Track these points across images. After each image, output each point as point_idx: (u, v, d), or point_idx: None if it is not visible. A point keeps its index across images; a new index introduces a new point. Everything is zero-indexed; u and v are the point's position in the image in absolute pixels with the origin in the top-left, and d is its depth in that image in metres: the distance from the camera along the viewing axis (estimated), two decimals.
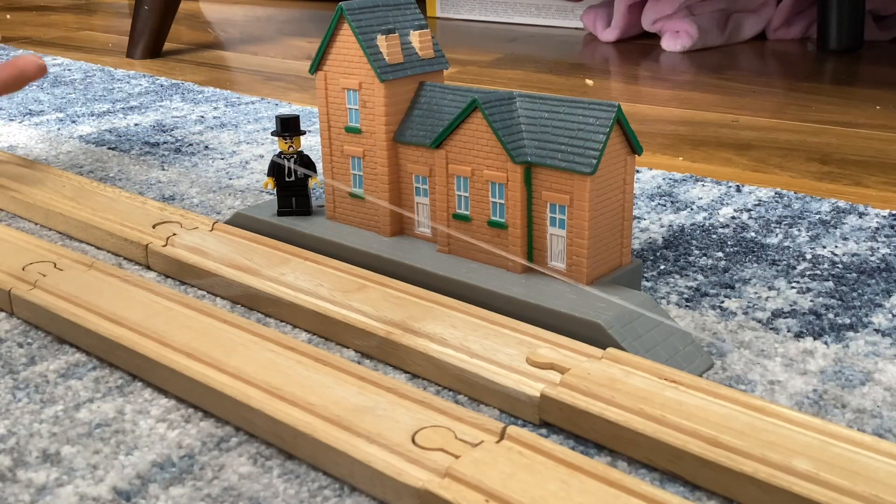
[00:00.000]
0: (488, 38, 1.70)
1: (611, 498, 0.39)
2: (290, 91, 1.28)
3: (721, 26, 1.56)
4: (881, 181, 0.85)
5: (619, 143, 0.56)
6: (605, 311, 0.53)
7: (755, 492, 0.40)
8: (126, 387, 0.52)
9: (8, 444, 0.46)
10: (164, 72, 1.42)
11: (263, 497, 0.42)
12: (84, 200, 0.76)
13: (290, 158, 0.68)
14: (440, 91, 0.63)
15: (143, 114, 1.14)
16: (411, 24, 0.65)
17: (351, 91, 0.64)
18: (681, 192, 0.81)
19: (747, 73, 1.35)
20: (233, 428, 0.47)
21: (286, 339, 0.52)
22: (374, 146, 0.64)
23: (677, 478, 0.43)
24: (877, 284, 0.63)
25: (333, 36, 0.64)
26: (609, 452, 0.45)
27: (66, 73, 1.41)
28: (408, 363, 0.52)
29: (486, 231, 0.60)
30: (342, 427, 0.44)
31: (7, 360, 0.54)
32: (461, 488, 0.40)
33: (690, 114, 1.11)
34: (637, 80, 1.33)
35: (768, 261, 0.67)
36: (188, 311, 0.56)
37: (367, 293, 0.58)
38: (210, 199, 0.81)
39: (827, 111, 1.11)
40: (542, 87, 1.26)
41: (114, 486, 0.43)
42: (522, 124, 0.57)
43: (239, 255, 0.64)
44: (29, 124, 1.09)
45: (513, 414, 0.48)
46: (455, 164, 0.60)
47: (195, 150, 0.97)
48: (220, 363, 0.50)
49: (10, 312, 0.60)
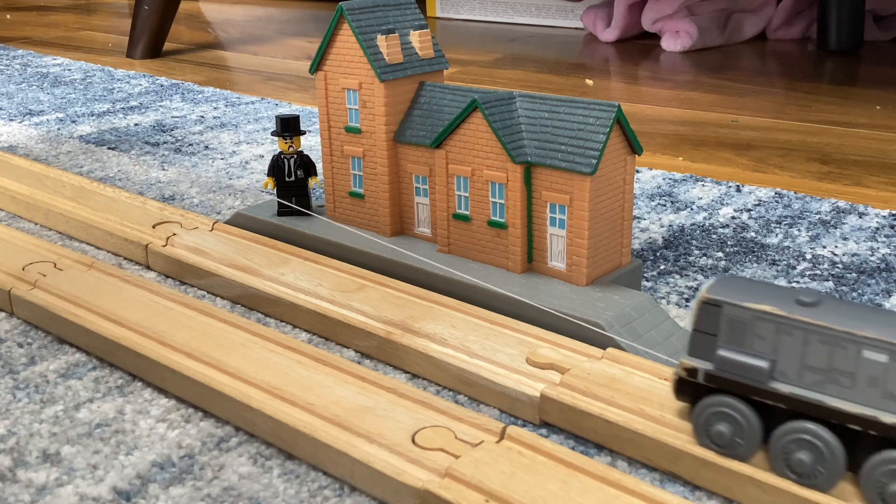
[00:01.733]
0: (488, 38, 1.70)
1: (611, 498, 0.39)
2: (290, 91, 1.28)
3: (721, 26, 1.56)
4: (881, 181, 0.85)
5: (619, 143, 0.56)
6: (605, 311, 0.53)
7: (755, 492, 0.40)
8: (126, 387, 0.52)
9: (8, 444, 0.46)
10: (164, 72, 1.42)
11: (263, 497, 0.42)
12: (84, 200, 0.76)
13: (290, 158, 0.68)
14: (440, 91, 0.63)
15: (143, 114, 1.14)
16: (411, 24, 0.65)
17: (351, 91, 0.64)
18: (681, 192, 0.81)
19: (747, 73, 1.35)
20: (233, 428, 0.47)
21: (286, 339, 0.52)
22: (374, 146, 0.64)
23: (677, 478, 0.43)
24: (877, 284, 0.63)
25: (333, 36, 0.64)
26: (609, 452, 0.45)
27: (66, 73, 1.41)
28: (408, 363, 0.52)
29: (486, 231, 0.60)
30: (342, 427, 0.44)
31: (7, 360, 0.54)
32: (461, 488, 0.40)
33: (690, 114, 1.11)
34: (637, 80, 1.33)
35: (768, 261, 0.67)
36: (188, 311, 0.56)
37: (367, 293, 0.58)
38: (210, 199, 0.81)
39: (827, 111, 1.12)
40: (542, 87, 1.26)
41: (114, 486, 0.43)
42: (522, 124, 0.57)
43: (239, 255, 0.64)
44: (29, 124, 1.09)
45: (513, 414, 0.48)
46: (455, 164, 0.60)
47: (195, 150, 0.97)
48: (220, 363, 0.50)
49: (10, 312, 0.60)
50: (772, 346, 0.39)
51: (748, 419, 0.40)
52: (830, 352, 0.38)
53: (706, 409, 0.41)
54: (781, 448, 0.39)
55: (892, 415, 0.37)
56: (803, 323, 0.38)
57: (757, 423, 0.40)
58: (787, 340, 0.39)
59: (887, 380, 0.37)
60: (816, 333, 0.38)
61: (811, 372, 0.39)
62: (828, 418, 0.38)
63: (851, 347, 0.37)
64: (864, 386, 0.38)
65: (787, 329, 0.39)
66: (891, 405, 0.37)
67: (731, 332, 0.40)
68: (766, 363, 0.39)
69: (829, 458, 0.38)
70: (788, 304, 0.39)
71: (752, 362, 0.39)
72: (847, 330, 0.37)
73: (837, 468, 0.38)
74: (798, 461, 0.39)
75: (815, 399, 0.38)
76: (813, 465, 0.39)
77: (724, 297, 0.40)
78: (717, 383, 0.41)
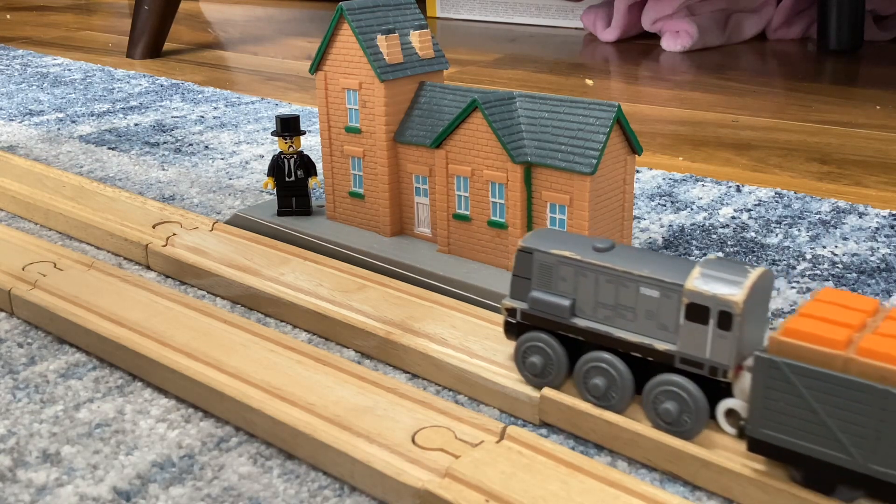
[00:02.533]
0: (488, 38, 1.71)
1: (611, 498, 0.39)
2: (290, 91, 1.28)
3: (721, 26, 1.56)
4: (881, 181, 0.85)
5: (619, 143, 0.56)
6: None
7: (755, 492, 0.40)
8: (126, 387, 0.52)
9: (8, 444, 0.46)
10: (164, 72, 1.42)
11: (263, 497, 0.42)
12: (84, 200, 0.76)
13: (290, 158, 0.68)
14: (440, 91, 0.63)
15: (143, 114, 1.14)
16: (411, 24, 0.65)
17: (351, 91, 0.64)
18: (681, 192, 0.81)
19: (747, 73, 1.35)
20: (233, 428, 0.47)
21: (286, 339, 0.52)
22: (374, 146, 0.64)
23: (677, 478, 0.43)
24: (877, 284, 0.63)
25: (333, 36, 0.64)
26: (609, 452, 0.45)
27: (66, 73, 1.41)
28: (408, 363, 0.52)
29: (486, 231, 0.60)
30: (342, 427, 0.44)
31: (7, 360, 0.54)
32: (461, 488, 0.40)
33: (690, 114, 1.11)
34: (637, 80, 1.33)
35: (768, 261, 0.67)
36: (188, 311, 0.56)
37: (367, 293, 0.58)
38: (210, 199, 0.81)
39: (827, 111, 1.12)
40: (542, 87, 1.26)
41: (114, 486, 0.43)
42: (522, 124, 0.57)
43: (239, 255, 0.64)
44: (29, 124, 1.09)
45: (513, 414, 0.48)
46: (455, 164, 0.60)
47: (195, 150, 0.97)
48: (220, 363, 0.50)
49: (10, 312, 0.60)
50: (572, 286, 0.45)
51: (556, 351, 0.46)
52: (616, 290, 0.44)
53: (523, 344, 0.47)
54: (582, 376, 0.45)
55: (664, 343, 0.42)
56: (595, 266, 0.44)
57: (563, 354, 0.46)
58: (583, 281, 0.45)
59: (660, 313, 0.43)
60: (605, 274, 0.44)
61: (603, 308, 0.44)
62: (617, 348, 0.44)
63: (631, 285, 0.43)
64: (642, 318, 0.43)
65: (583, 271, 0.45)
66: (664, 334, 0.43)
67: (540, 276, 0.46)
68: (568, 302, 0.45)
69: (619, 383, 0.44)
70: (586, 250, 0.45)
71: (557, 301, 0.45)
72: (627, 270, 0.43)
73: (627, 391, 0.44)
74: (594, 386, 0.45)
75: (606, 331, 0.44)
76: (607, 390, 0.44)
77: (535, 246, 0.46)
78: (530, 321, 0.46)
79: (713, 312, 0.41)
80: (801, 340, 0.37)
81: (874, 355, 0.36)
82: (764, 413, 0.39)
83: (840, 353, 0.37)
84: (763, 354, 0.38)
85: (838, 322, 0.38)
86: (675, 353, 0.42)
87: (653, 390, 0.43)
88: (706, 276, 0.41)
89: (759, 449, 0.39)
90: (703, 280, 0.41)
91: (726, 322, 0.40)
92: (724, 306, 0.40)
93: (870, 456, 0.37)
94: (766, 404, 0.38)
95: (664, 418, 0.43)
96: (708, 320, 0.41)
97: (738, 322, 0.40)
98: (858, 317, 0.39)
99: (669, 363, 0.42)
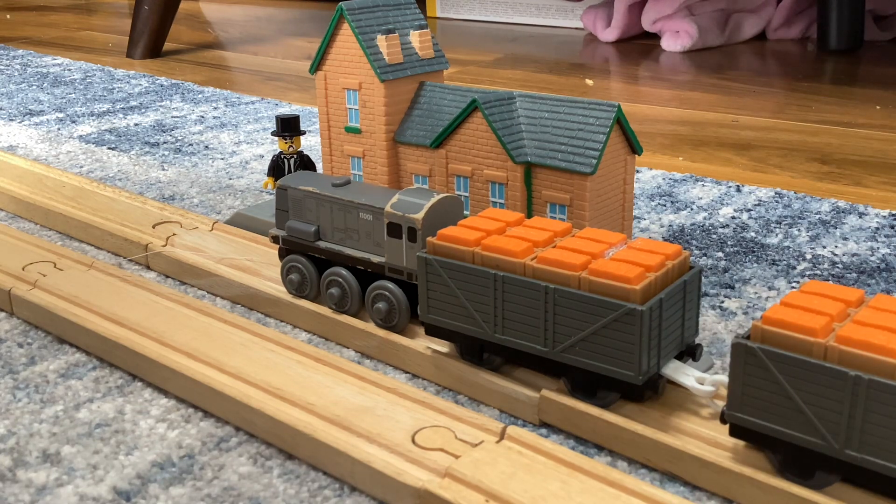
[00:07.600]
0: (488, 38, 1.71)
1: (611, 498, 0.39)
2: (290, 91, 1.28)
3: (721, 26, 1.56)
4: (881, 181, 0.85)
5: (619, 143, 0.56)
6: None
7: (755, 492, 0.40)
8: (126, 387, 0.52)
9: (8, 444, 0.46)
10: (164, 72, 1.42)
11: (263, 497, 0.42)
12: (84, 200, 0.76)
13: (290, 158, 0.68)
14: (440, 91, 0.63)
15: (143, 114, 1.14)
16: (411, 24, 0.65)
17: (351, 91, 0.64)
18: (681, 192, 0.81)
19: (747, 73, 1.35)
20: (233, 428, 0.47)
21: (286, 339, 0.52)
22: (374, 146, 0.64)
23: (677, 478, 0.43)
24: (877, 284, 0.63)
25: (333, 36, 0.64)
26: (609, 452, 0.45)
27: (66, 73, 1.41)
28: (408, 363, 0.52)
29: None
30: (342, 427, 0.44)
31: (7, 360, 0.54)
32: (461, 488, 0.40)
33: (690, 114, 1.11)
34: (637, 80, 1.33)
35: (768, 261, 0.67)
36: (188, 311, 0.56)
37: None
38: (210, 199, 0.81)
39: (827, 111, 1.12)
40: (542, 87, 1.26)
41: (114, 486, 0.43)
42: (522, 124, 0.57)
43: (239, 255, 0.64)
44: (29, 124, 1.09)
45: (513, 414, 0.48)
46: (455, 164, 0.60)
47: (195, 150, 0.97)
48: (220, 363, 0.50)
49: (10, 312, 0.60)
50: (316, 215, 0.55)
51: (308, 269, 0.56)
52: (345, 216, 0.54)
53: (285, 265, 0.57)
54: (325, 287, 0.55)
55: (378, 256, 0.53)
56: (330, 197, 0.54)
57: (314, 271, 0.56)
58: (323, 210, 0.55)
59: (374, 232, 0.53)
60: (337, 204, 0.54)
61: (338, 231, 0.54)
62: (347, 263, 0.54)
63: (354, 212, 0.53)
64: (364, 238, 0.53)
65: (322, 202, 0.55)
66: (378, 250, 0.53)
67: (294, 208, 0.56)
68: (313, 228, 0.55)
69: (349, 291, 0.54)
70: (326, 186, 0.55)
71: (305, 228, 0.55)
72: (350, 199, 0.53)
73: (356, 298, 0.54)
74: (331, 294, 0.55)
75: (339, 250, 0.54)
76: (342, 297, 0.55)
77: (289, 183, 0.56)
78: (289, 245, 0.57)
79: (404, 229, 0.51)
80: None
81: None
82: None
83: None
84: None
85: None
86: (384, 263, 0.52)
87: (370, 294, 0.53)
88: (401, 200, 0.51)
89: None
90: (397, 204, 0.51)
91: (413, 235, 0.50)
92: (411, 223, 0.50)
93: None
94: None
95: (378, 315, 0.53)
96: (402, 235, 0.51)
97: (420, 235, 0.50)
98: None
99: (381, 272, 0.53)
